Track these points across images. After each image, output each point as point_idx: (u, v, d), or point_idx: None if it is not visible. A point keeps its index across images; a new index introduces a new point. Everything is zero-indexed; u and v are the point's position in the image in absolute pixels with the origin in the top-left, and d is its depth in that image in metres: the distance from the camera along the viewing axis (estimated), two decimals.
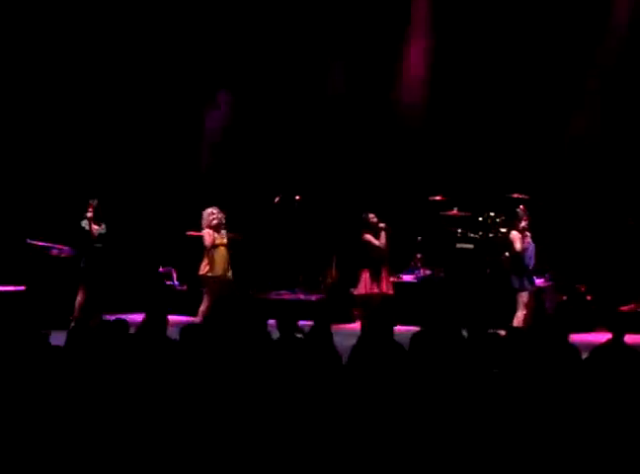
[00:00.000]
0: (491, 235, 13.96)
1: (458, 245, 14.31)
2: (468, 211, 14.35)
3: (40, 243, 13.17)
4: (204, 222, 12.10)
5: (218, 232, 12.07)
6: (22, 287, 12.87)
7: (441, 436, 4.95)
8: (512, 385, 5.35)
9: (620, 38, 14.86)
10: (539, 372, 5.70)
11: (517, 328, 9.10)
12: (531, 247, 11.82)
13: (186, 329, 6.45)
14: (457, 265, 14.20)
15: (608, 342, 6.66)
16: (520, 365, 5.87)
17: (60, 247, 13.12)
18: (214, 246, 12.02)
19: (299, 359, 6.26)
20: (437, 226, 14.63)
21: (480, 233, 14.00)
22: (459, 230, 14.27)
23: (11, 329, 6.62)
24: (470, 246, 14.15)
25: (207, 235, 12.03)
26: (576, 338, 6.87)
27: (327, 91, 16.01)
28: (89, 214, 12.09)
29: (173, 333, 6.77)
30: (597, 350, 6.56)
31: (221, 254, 12.06)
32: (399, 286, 13.25)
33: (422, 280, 14.38)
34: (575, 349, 6.36)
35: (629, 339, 6.79)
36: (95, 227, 12.17)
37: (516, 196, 13.87)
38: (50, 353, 6.18)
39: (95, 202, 12.15)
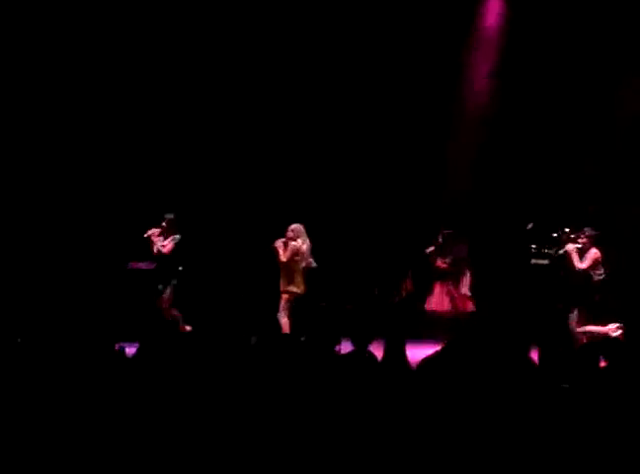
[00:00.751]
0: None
1: (533, 261, 14.23)
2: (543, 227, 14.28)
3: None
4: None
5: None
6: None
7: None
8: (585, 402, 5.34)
9: None
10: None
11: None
12: None
13: None
14: (533, 281, 14.12)
15: None
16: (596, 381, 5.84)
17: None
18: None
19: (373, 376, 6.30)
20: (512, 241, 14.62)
21: (555, 249, 13.91)
22: (534, 246, 14.18)
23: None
24: (546, 261, 14.06)
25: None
26: None
27: None
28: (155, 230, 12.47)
29: None
30: None
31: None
32: None
33: None
34: None
35: None
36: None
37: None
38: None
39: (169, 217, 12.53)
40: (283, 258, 12.52)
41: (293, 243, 12.50)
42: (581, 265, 11.86)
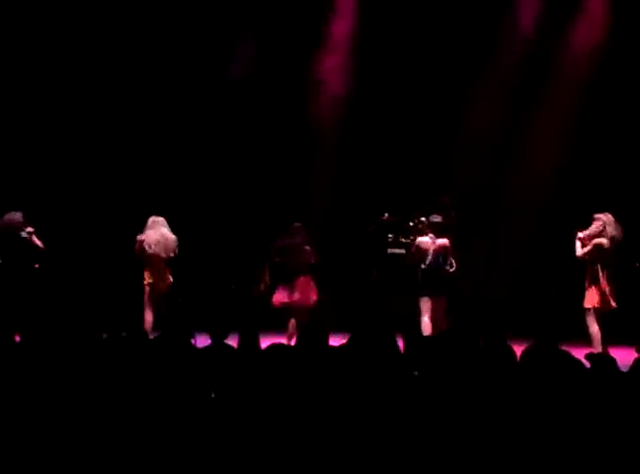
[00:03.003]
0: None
1: (390, 250, 14.42)
2: (397, 216, 14.47)
3: None
4: None
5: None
6: None
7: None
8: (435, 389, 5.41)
9: None
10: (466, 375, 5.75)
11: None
12: None
13: None
14: (389, 269, 14.32)
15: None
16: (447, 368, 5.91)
17: None
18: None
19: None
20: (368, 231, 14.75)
21: (411, 238, 14.09)
22: (390, 235, 14.38)
23: None
24: (402, 251, 14.24)
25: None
26: None
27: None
28: None
29: None
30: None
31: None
32: None
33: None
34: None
35: None
36: None
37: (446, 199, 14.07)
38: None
39: None
40: (150, 251, 12.40)
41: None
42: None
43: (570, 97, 14.90)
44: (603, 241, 11.44)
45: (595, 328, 11.40)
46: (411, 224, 14.21)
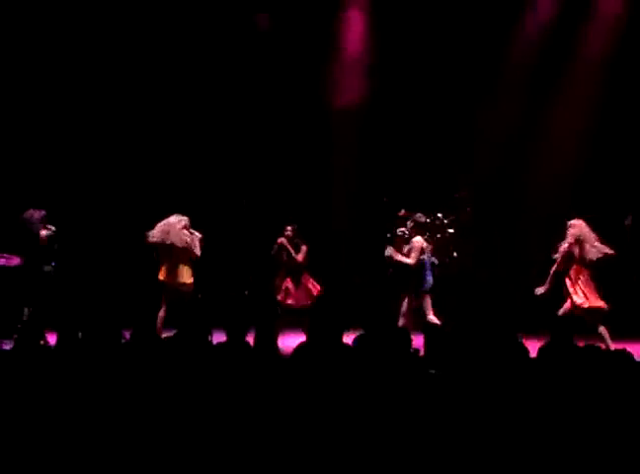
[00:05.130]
0: (439, 236, 14.05)
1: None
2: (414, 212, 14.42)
3: None
4: None
5: None
6: None
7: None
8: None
9: None
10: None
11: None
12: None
13: None
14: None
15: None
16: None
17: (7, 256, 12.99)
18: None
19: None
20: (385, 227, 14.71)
21: (428, 234, 14.06)
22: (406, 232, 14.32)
23: None
24: None
25: None
26: None
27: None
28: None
29: None
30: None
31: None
32: None
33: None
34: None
35: None
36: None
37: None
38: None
39: None
40: (152, 239, 12.40)
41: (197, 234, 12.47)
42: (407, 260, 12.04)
43: (588, 94, 14.86)
44: (566, 246, 11.71)
45: (601, 327, 11.53)
46: (427, 221, 14.17)
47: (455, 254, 12.84)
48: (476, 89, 15.23)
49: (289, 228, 13.03)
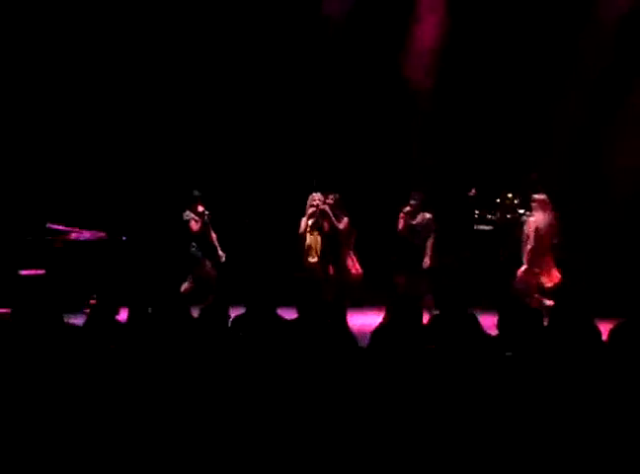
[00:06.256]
0: (509, 216, 13.92)
1: (477, 227, 14.29)
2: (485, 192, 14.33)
3: (60, 227, 13.19)
4: None
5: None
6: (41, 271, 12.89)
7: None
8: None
9: None
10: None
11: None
12: None
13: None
14: (476, 247, 14.20)
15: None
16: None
17: (79, 230, 13.16)
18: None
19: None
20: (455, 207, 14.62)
21: (498, 214, 13.96)
22: (477, 212, 14.24)
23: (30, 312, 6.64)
24: (489, 227, 14.13)
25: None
26: None
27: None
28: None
29: None
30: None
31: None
32: None
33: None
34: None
35: None
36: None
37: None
38: (69, 334, 6.23)
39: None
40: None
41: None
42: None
43: None
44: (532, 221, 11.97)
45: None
46: (498, 200, 14.08)
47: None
48: (554, 74, 15.00)
49: (331, 197, 12.72)
